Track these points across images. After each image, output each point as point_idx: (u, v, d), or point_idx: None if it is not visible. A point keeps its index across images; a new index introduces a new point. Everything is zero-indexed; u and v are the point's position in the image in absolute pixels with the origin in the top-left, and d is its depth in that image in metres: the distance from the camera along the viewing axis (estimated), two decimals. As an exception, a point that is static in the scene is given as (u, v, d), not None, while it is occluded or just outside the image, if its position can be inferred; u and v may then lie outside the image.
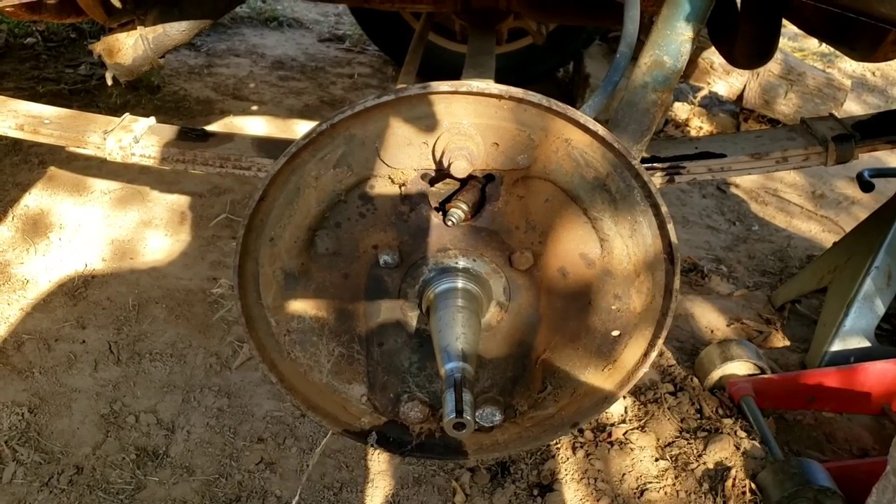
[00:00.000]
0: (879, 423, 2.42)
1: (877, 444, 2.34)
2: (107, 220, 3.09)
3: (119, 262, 2.87)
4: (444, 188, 1.32)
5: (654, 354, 1.37)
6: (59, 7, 2.03)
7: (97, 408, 2.26)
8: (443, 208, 1.31)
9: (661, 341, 1.36)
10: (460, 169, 1.19)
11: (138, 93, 4.17)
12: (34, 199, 3.16)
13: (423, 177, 1.27)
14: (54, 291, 2.69)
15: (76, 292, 2.69)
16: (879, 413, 2.41)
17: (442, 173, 1.26)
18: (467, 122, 1.22)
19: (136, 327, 2.57)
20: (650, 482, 2.12)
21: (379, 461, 2.18)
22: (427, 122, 1.22)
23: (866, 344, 2.51)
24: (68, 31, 4.72)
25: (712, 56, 4.27)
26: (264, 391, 2.37)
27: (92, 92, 4.14)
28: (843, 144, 1.88)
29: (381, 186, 1.28)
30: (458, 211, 1.25)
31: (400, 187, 1.28)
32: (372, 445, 1.50)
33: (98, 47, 2.01)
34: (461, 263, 1.32)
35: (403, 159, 1.25)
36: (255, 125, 4.05)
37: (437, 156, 1.22)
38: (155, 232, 3.07)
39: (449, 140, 1.20)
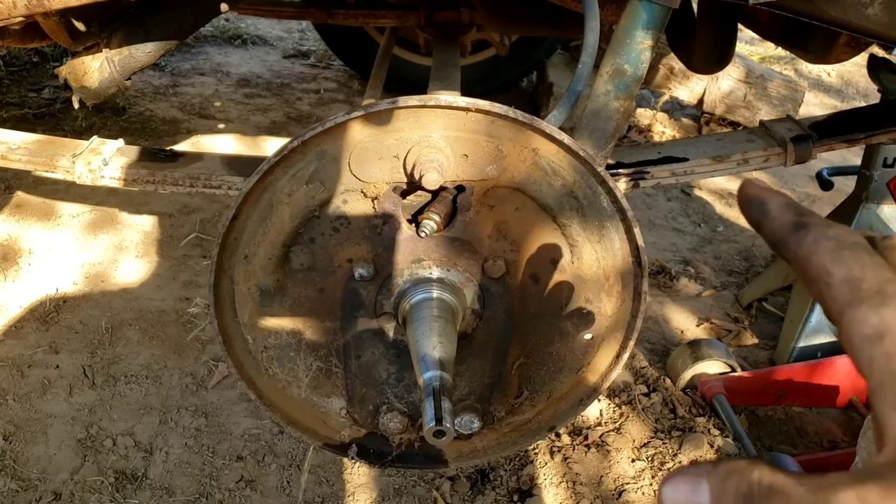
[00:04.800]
0: (848, 416, 2.48)
1: (846, 436, 2.40)
2: (77, 244, 3.08)
3: (90, 286, 2.85)
4: (416, 200, 1.34)
5: (626, 356, 1.40)
6: (22, 32, 2.02)
7: (73, 432, 2.25)
8: (415, 220, 1.33)
9: (632, 343, 1.39)
10: (431, 181, 1.21)
11: (103, 115, 4.15)
12: (1, 226, 3.13)
13: (395, 190, 1.29)
14: (26, 317, 2.67)
15: (48, 317, 2.67)
16: (847, 406, 2.47)
17: (413, 186, 1.28)
18: (437, 134, 1.24)
19: (110, 350, 2.55)
20: (628, 483, 2.15)
21: (359, 474, 2.19)
22: (397, 136, 1.24)
23: (832, 338, 2.57)
24: (30, 55, 4.68)
25: (672, 62, 4.34)
26: (241, 409, 2.37)
27: (56, 115, 4.11)
28: (802, 145, 1.92)
29: (354, 201, 1.30)
30: (431, 222, 1.27)
31: (372, 201, 1.30)
32: (352, 458, 1.51)
33: (64, 71, 2.00)
34: (435, 273, 1.34)
35: (375, 173, 1.26)
36: (222, 143, 4.04)
37: (409, 169, 1.24)
38: (126, 254, 3.05)
39: (419, 153, 1.22)
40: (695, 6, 2.12)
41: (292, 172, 1.26)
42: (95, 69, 1.96)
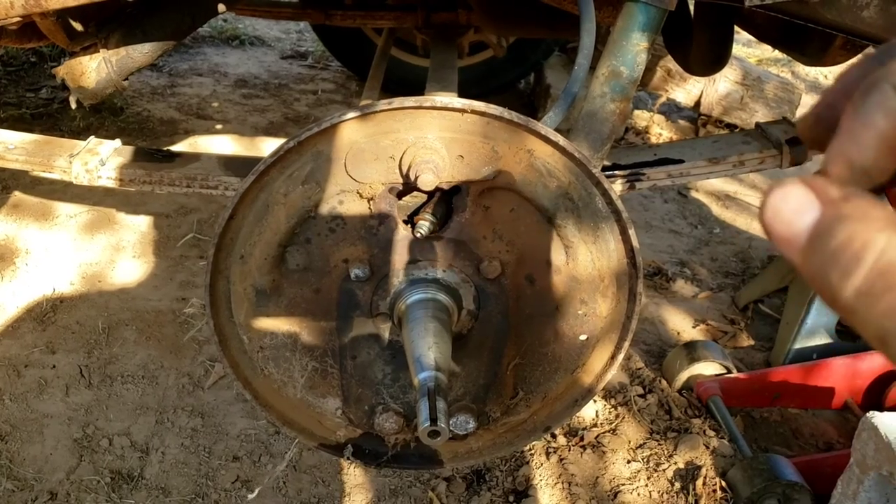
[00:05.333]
0: (843, 417, 2.48)
1: (841, 438, 2.40)
2: (74, 244, 3.08)
3: (87, 286, 2.85)
4: (411, 201, 1.34)
5: (621, 357, 1.40)
6: (20, 32, 2.02)
7: (70, 432, 2.25)
8: (411, 221, 1.33)
9: (627, 343, 1.39)
10: (427, 182, 1.22)
11: (101, 115, 4.15)
12: (-2, 225, 3.13)
13: (391, 190, 1.29)
14: (22, 317, 2.67)
15: (45, 317, 2.67)
16: (843, 407, 2.48)
17: (409, 186, 1.28)
18: (432, 135, 1.24)
19: (107, 350, 2.55)
20: (623, 484, 2.16)
21: (355, 475, 2.19)
22: (393, 137, 1.24)
23: (828, 340, 2.57)
24: (28, 55, 4.68)
25: (669, 63, 4.35)
26: (238, 409, 2.37)
27: (54, 115, 4.11)
28: (797, 147, 1.93)
29: (350, 201, 1.30)
30: (426, 223, 1.28)
31: (368, 202, 1.30)
32: (348, 458, 1.51)
33: (61, 71, 2.00)
34: (431, 274, 1.35)
35: (371, 174, 1.27)
36: (219, 144, 4.04)
37: (404, 169, 1.24)
38: (123, 254, 3.05)
39: (415, 154, 1.23)
40: (692, 8, 2.13)
41: (288, 173, 1.26)
42: (93, 69, 1.96)
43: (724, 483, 2.10)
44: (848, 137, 0.43)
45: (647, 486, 2.16)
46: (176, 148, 3.80)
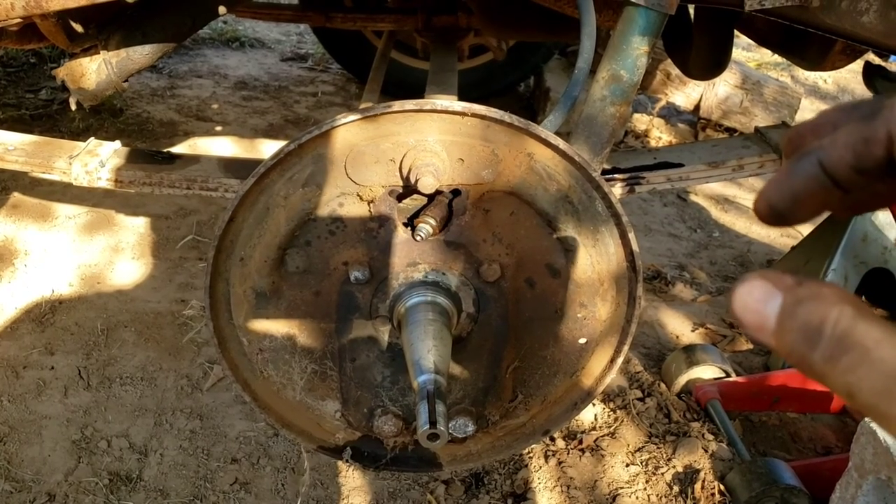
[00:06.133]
0: (841, 422, 2.48)
1: (839, 442, 2.40)
2: (73, 245, 3.07)
3: (86, 287, 2.85)
4: (412, 204, 1.34)
5: (620, 360, 1.40)
6: (20, 33, 2.02)
7: (68, 434, 2.25)
8: (411, 223, 1.33)
9: (626, 347, 1.39)
10: (427, 185, 1.22)
11: (101, 116, 4.14)
12: (-3, 226, 3.13)
13: (391, 193, 1.29)
14: (21, 318, 2.67)
15: (43, 318, 2.67)
16: (841, 411, 2.48)
17: (409, 189, 1.28)
18: (433, 138, 1.24)
19: (106, 352, 2.55)
20: (622, 487, 2.15)
21: (354, 477, 2.19)
22: (393, 140, 1.24)
23: (826, 344, 2.57)
24: (28, 56, 4.68)
25: (669, 67, 4.35)
26: (236, 412, 2.37)
27: (54, 116, 4.11)
28: (796, 151, 1.93)
29: (350, 204, 1.30)
30: (426, 226, 1.28)
31: (368, 204, 1.30)
32: (347, 461, 1.51)
33: (61, 73, 2.00)
34: (430, 277, 1.35)
35: (371, 177, 1.27)
36: (219, 146, 4.04)
37: (405, 172, 1.24)
38: (122, 255, 3.05)
39: (415, 157, 1.23)
40: (692, 12, 2.13)
41: (289, 175, 1.26)
42: (93, 71, 1.96)
43: (722, 487, 2.10)
44: (774, 185, 0.54)
45: (645, 489, 2.16)
46: (176, 150, 3.80)
